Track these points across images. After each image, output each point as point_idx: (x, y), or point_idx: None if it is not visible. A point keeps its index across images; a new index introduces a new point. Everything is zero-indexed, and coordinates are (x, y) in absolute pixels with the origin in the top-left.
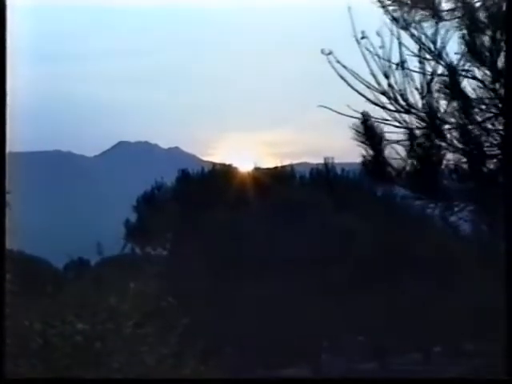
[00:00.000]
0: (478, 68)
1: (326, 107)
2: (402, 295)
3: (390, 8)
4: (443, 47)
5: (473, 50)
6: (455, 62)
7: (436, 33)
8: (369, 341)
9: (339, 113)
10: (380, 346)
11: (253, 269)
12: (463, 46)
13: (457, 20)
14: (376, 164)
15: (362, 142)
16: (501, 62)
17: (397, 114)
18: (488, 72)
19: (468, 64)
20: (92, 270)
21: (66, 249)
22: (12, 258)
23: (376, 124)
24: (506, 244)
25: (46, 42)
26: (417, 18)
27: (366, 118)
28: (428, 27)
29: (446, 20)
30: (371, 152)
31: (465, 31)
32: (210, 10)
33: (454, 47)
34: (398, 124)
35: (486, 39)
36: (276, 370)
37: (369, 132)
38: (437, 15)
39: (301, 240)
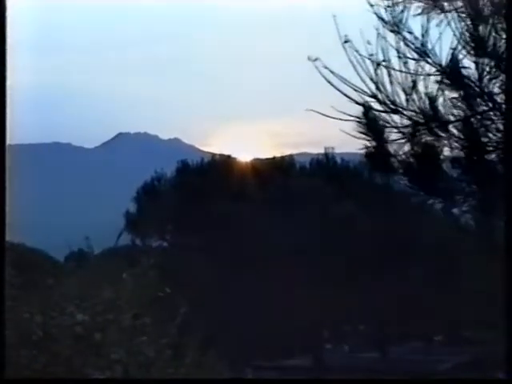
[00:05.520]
0: (478, 58)
1: (313, 111)
2: (402, 283)
3: (382, 9)
4: (433, 47)
5: (475, 40)
6: (449, 58)
7: (426, 33)
8: (370, 330)
9: (329, 116)
10: (381, 334)
11: (253, 258)
12: (465, 36)
13: (458, 9)
14: (378, 154)
15: (364, 134)
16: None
17: (385, 114)
18: (489, 61)
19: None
20: (92, 262)
21: (66, 240)
22: (12, 250)
23: (378, 114)
24: (506, 238)
25: (46, 34)
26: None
27: (367, 108)
28: (418, 28)
29: (446, 11)
30: (373, 143)
31: (467, 20)
32: (210, 5)
33: (443, 46)
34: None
35: (488, 28)
36: (278, 360)
37: (371, 122)
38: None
39: (301, 229)
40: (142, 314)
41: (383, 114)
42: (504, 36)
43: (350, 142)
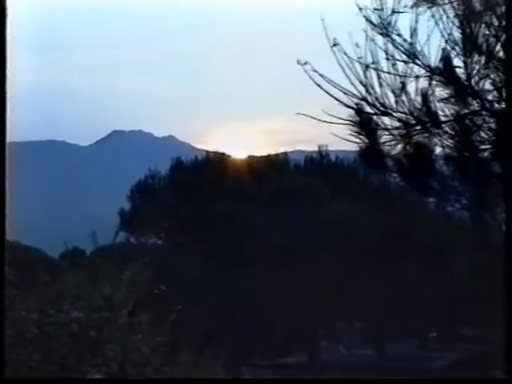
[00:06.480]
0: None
1: (304, 114)
2: (397, 281)
3: (371, 12)
4: (422, 49)
5: (469, 37)
6: (436, 62)
7: (415, 33)
8: (365, 327)
9: (318, 119)
10: (376, 332)
11: (248, 256)
12: (453, 36)
13: (452, 5)
14: (372, 153)
15: (358, 133)
16: (498, 49)
17: (375, 117)
18: (479, 60)
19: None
20: (87, 260)
21: (61, 238)
22: (8, 249)
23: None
24: (506, 238)
25: (41, 32)
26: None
27: (360, 109)
28: (406, 30)
29: (439, 5)
30: (367, 141)
31: (461, 17)
32: (209, 5)
33: (432, 48)
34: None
35: (483, 26)
36: (274, 358)
37: (364, 121)
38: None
39: (296, 227)
40: (138, 311)
41: (374, 116)
42: (494, 33)
43: (344, 140)
